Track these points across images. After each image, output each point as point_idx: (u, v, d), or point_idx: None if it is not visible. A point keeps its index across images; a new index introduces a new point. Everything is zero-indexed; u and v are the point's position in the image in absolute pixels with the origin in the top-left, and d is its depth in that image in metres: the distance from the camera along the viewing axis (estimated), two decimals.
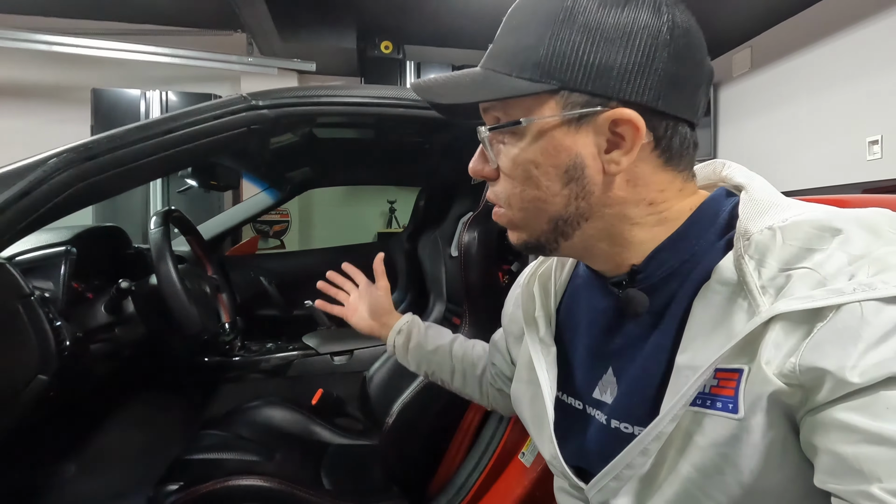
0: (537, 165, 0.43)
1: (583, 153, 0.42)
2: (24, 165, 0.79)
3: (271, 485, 0.98)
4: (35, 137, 3.30)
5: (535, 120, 0.42)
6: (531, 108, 0.42)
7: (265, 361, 1.54)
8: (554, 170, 0.43)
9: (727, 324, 0.39)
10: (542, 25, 0.41)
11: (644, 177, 0.43)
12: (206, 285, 1.26)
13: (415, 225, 1.97)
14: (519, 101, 0.43)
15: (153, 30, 3.43)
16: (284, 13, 3.07)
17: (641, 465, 0.42)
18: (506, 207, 0.47)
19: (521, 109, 0.43)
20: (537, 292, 0.57)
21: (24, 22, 3.25)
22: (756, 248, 0.39)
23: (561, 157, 0.43)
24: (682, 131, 0.43)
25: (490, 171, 0.47)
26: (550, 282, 0.58)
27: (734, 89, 3.69)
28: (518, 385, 0.58)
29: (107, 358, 1.10)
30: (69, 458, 1.29)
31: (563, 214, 0.44)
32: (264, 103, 0.96)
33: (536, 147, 0.43)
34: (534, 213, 0.45)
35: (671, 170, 0.44)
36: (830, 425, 0.33)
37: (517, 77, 0.42)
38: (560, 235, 0.46)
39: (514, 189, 0.45)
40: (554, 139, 0.42)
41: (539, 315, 0.56)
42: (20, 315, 0.83)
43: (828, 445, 0.33)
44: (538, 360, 0.53)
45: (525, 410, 0.56)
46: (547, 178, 0.43)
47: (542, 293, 0.57)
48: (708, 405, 0.39)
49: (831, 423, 0.33)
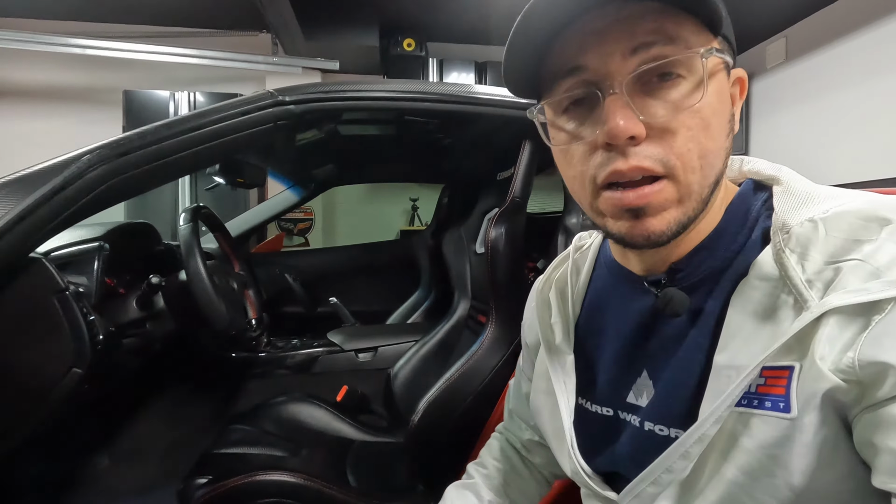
0: (715, 111, 0.38)
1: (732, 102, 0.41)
2: (59, 162, 0.80)
3: (298, 480, 0.98)
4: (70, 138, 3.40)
5: (715, 54, 0.38)
6: (703, 46, 0.38)
7: (291, 357, 1.55)
8: (724, 118, 0.39)
9: (771, 321, 0.37)
10: None
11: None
12: (234, 281, 1.27)
13: (438, 222, 1.96)
14: (689, 35, 0.38)
15: (182, 32, 3.50)
16: (308, 12, 3.10)
17: (682, 470, 0.40)
18: (668, 174, 0.38)
19: (692, 44, 0.37)
20: (554, 298, 0.56)
21: (59, 27, 3.36)
22: (797, 242, 0.37)
23: (726, 105, 0.40)
24: None
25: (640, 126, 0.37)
26: (567, 287, 0.55)
27: (768, 81, 3.57)
28: (536, 396, 0.56)
29: (138, 352, 1.12)
30: (102, 450, 1.32)
31: (720, 175, 0.40)
32: (290, 99, 0.96)
33: (712, 89, 0.38)
34: (707, 172, 0.39)
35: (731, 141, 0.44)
36: (893, 422, 0.31)
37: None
38: (706, 206, 0.40)
39: (688, 143, 0.38)
40: (721, 83, 0.39)
41: (556, 322, 0.54)
42: (56, 309, 0.84)
43: (889, 444, 0.32)
44: (554, 369, 0.52)
45: (545, 422, 0.54)
46: (720, 127, 0.39)
47: (559, 299, 0.55)
48: (755, 405, 0.37)
49: (893, 420, 0.31)
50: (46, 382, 0.83)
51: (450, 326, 1.48)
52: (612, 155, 0.38)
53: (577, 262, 0.57)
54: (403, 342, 1.58)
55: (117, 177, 0.84)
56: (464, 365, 1.06)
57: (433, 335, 1.48)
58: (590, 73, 0.39)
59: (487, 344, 1.07)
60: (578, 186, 0.42)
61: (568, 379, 0.51)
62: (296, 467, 1.03)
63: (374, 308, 2.05)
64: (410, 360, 1.44)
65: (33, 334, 0.83)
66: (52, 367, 0.83)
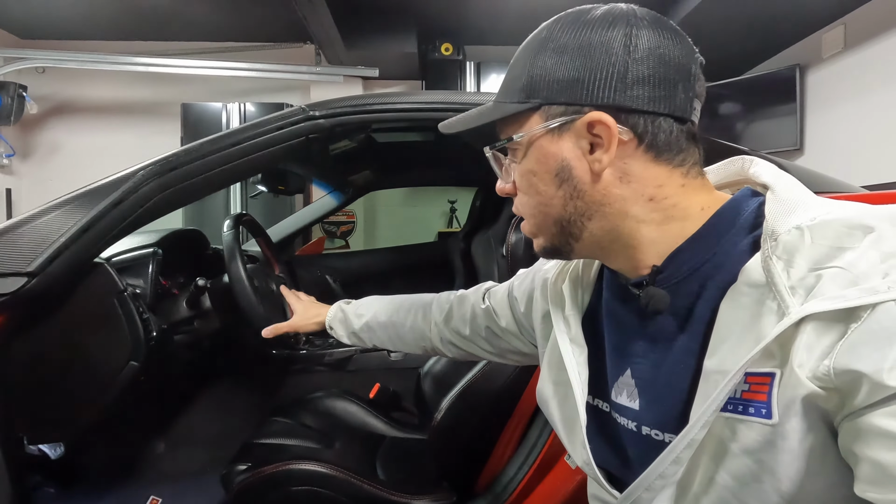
0: (534, 173, 0.48)
1: (568, 156, 0.47)
2: (118, 178, 0.90)
3: (329, 471, 1.05)
4: (135, 149, 3.69)
5: (524, 135, 0.48)
6: (522, 126, 0.49)
7: (328, 355, 1.63)
8: (547, 175, 0.48)
9: (756, 326, 0.38)
10: (525, 57, 0.49)
11: (636, 172, 0.46)
12: (273, 283, 1.36)
13: (471, 225, 2.00)
14: (514, 122, 0.49)
15: (232, 47, 3.71)
16: (348, 23, 3.21)
17: (673, 474, 0.42)
18: (525, 218, 0.52)
19: (515, 128, 0.49)
20: (567, 290, 0.57)
21: (123, 47, 3.65)
22: (784, 249, 0.38)
23: (550, 163, 0.47)
24: (664, 125, 0.45)
25: (510, 187, 0.52)
26: (579, 279, 0.58)
27: (824, 72, 3.37)
28: (544, 385, 0.58)
29: (188, 348, 1.22)
30: (159, 437, 1.45)
31: (563, 215, 0.48)
32: (320, 113, 1.02)
33: (531, 158, 0.49)
34: (542, 217, 0.50)
35: (664, 164, 0.46)
36: (869, 431, 0.32)
37: (509, 102, 0.49)
38: (569, 237, 0.49)
39: (524, 198, 0.50)
40: (542, 148, 0.48)
41: (570, 314, 0.56)
42: (116, 308, 0.95)
43: (867, 453, 0.32)
44: (570, 362, 0.53)
45: (554, 412, 0.56)
46: (543, 184, 0.48)
47: (572, 290, 0.57)
48: (740, 411, 0.38)
49: (870, 430, 0.32)
50: (108, 373, 0.93)
51: None
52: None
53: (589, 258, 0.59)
54: None
55: (167, 190, 0.94)
56: (486, 365, 1.09)
57: None
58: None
59: None
60: None
61: (583, 370, 0.53)
62: (328, 459, 1.10)
63: None
64: (440, 359, 1.49)
65: (97, 331, 0.94)
66: (113, 360, 0.94)
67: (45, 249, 0.82)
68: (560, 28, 0.47)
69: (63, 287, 0.89)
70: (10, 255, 0.81)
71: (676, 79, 0.45)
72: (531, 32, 0.50)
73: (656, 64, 0.44)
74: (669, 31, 0.46)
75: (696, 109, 0.47)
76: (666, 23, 0.47)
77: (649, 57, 0.44)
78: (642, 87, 0.44)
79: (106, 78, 3.71)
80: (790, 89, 3.41)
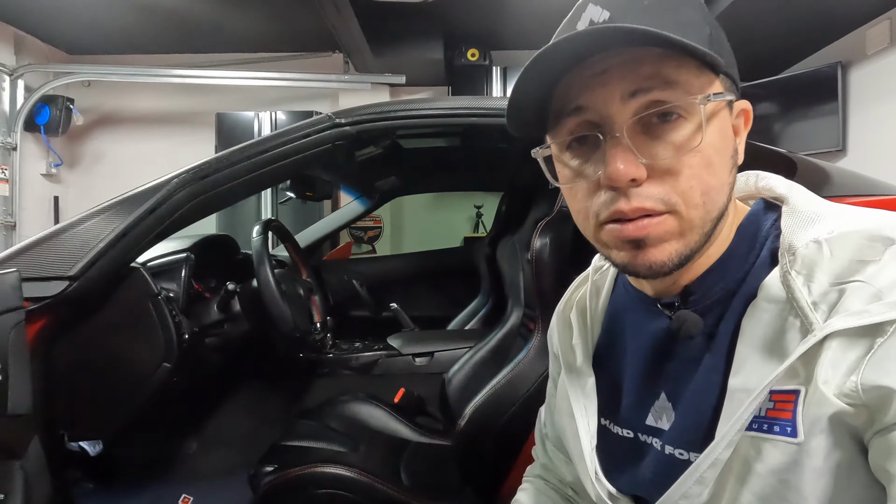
0: (717, 150, 0.39)
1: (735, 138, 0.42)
2: (153, 186, 0.94)
3: (353, 475, 1.06)
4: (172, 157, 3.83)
5: (719, 96, 0.38)
6: (703, 88, 0.38)
7: (354, 359, 1.64)
8: (726, 154, 0.40)
9: (779, 343, 0.37)
10: (693, 4, 0.40)
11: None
12: (300, 287, 1.39)
13: (496, 230, 1.99)
14: (689, 77, 0.38)
15: (263, 57, 3.81)
16: (376, 30, 3.26)
17: (698, 495, 0.40)
18: (671, 211, 0.39)
19: (696, 85, 0.38)
20: (575, 319, 0.56)
21: (160, 60, 3.79)
22: (803, 263, 0.37)
23: (729, 142, 0.40)
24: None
25: (642, 170, 0.38)
26: (587, 308, 0.56)
27: (868, 69, 3.22)
28: (560, 417, 0.56)
29: (218, 350, 1.26)
30: (190, 436, 1.49)
31: (724, 209, 0.40)
32: (346, 121, 1.04)
33: (713, 129, 0.39)
34: (711, 207, 0.39)
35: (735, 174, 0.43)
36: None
37: (698, 45, 0.36)
38: (708, 239, 0.40)
39: (690, 181, 0.38)
40: (724, 120, 0.40)
41: (577, 343, 0.54)
42: (150, 311, 0.98)
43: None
44: (574, 391, 0.52)
45: (569, 444, 0.54)
46: (722, 164, 0.39)
47: (579, 320, 0.55)
48: (765, 429, 0.37)
49: None
50: (142, 374, 0.97)
51: (503, 334, 1.50)
52: (615, 195, 0.39)
53: (597, 283, 0.57)
54: (459, 348, 1.62)
55: (199, 197, 0.97)
56: (510, 372, 1.08)
57: (487, 342, 1.51)
58: (591, 114, 0.40)
59: (534, 352, 1.08)
60: (583, 220, 0.43)
61: (589, 402, 0.51)
62: (353, 462, 1.11)
63: (434, 314, 2.12)
64: (464, 365, 1.48)
65: (132, 333, 0.97)
66: (147, 361, 0.97)
67: (86, 254, 0.86)
68: None
69: (101, 290, 0.93)
70: (54, 260, 0.85)
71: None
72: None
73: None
74: None
75: None
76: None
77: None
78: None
79: (145, 90, 3.87)
80: (831, 88, 3.27)
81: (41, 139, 3.58)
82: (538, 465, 0.70)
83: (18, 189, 3.43)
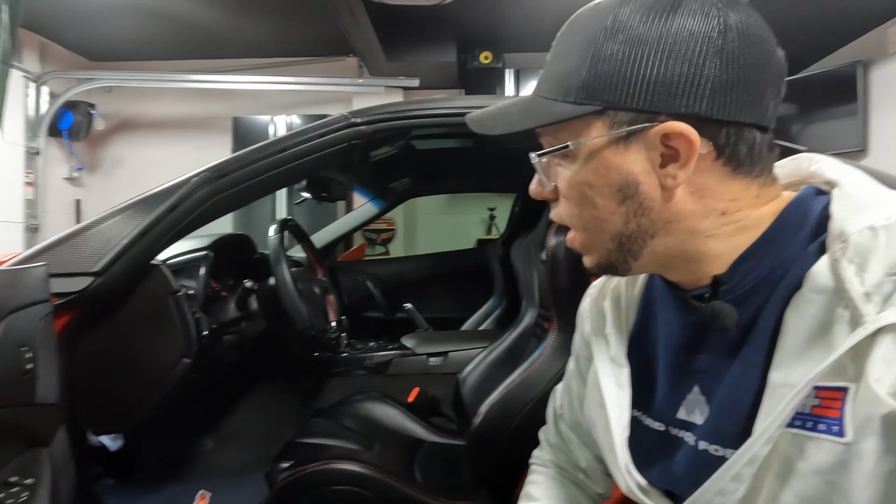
0: (590, 186, 0.42)
1: (634, 170, 0.41)
2: (173, 185, 0.96)
3: (368, 472, 1.06)
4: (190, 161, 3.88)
5: (582, 142, 0.42)
6: (579, 131, 0.42)
7: (368, 359, 1.65)
8: (607, 189, 0.42)
9: (825, 336, 0.35)
10: (584, 47, 0.41)
11: (711, 187, 0.41)
12: (316, 287, 1.40)
13: (510, 231, 1.99)
14: (567, 124, 0.42)
15: (279, 62, 3.86)
16: (389, 34, 3.28)
17: (734, 492, 0.39)
18: (574, 231, 0.46)
19: (569, 132, 0.42)
20: (608, 308, 0.55)
21: (177, 66, 3.87)
22: (856, 251, 0.35)
23: (612, 177, 0.42)
24: (748, 137, 0.40)
25: (549, 192, 0.46)
26: (622, 296, 0.55)
27: (890, 68, 3.15)
28: (590, 407, 0.55)
29: (235, 348, 1.27)
30: (208, 433, 1.51)
31: (624, 232, 0.43)
32: (362, 120, 1.05)
33: (588, 168, 0.42)
34: (596, 232, 0.44)
35: (742, 177, 0.41)
36: None
37: (563, 101, 0.41)
38: (628, 254, 0.44)
39: (574, 210, 0.45)
40: (604, 159, 0.41)
41: (610, 332, 0.53)
42: (170, 308, 1.00)
43: None
44: (606, 382, 0.51)
45: (600, 435, 0.53)
46: (602, 198, 0.42)
47: (613, 308, 0.54)
48: (809, 427, 0.35)
49: None
50: (162, 370, 0.98)
51: (517, 334, 1.49)
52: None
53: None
54: (472, 348, 1.62)
55: (218, 195, 0.98)
56: (525, 371, 1.07)
57: (501, 342, 1.51)
58: None
59: (549, 352, 1.08)
60: None
61: (622, 392, 0.50)
62: (367, 460, 1.11)
63: (447, 315, 2.12)
64: (478, 365, 1.48)
65: (153, 329, 0.99)
66: (167, 357, 0.99)
67: (109, 251, 0.88)
68: (632, 13, 0.39)
69: (123, 287, 0.95)
70: (79, 257, 0.87)
71: (766, 81, 0.40)
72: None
73: (749, 65, 0.38)
74: (760, 18, 0.40)
75: (776, 112, 0.42)
76: (751, 7, 0.40)
77: (742, 56, 0.38)
78: (731, 92, 0.38)
79: (164, 95, 3.95)
80: (851, 87, 3.22)
81: (64, 144, 3.67)
82: (547, 448, 0.70)
83: (42, 192, 3.52)
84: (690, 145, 0.39)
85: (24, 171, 3.39)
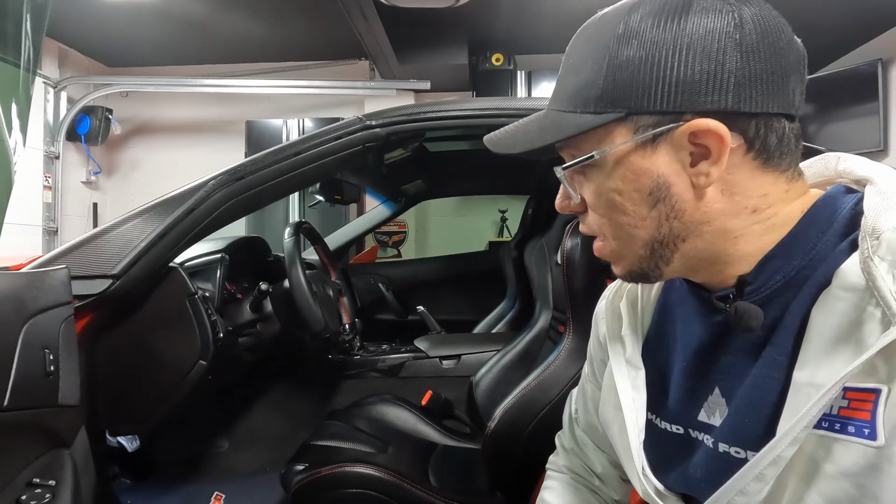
0: (620, 193, 0.42)
1: (664, 172, 0.41)
2: (190, 188, 0.97)
3: (382, 475, 1.06)
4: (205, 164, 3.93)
5: (608, 150, 0.41)
6: (602, 140, 0.42)
7: (381, 361, 1.65)
8: (638, 194, 0.42)
9: (855, 336, 0.34)
10: (598, 58, 0.41)
11: (741, 183, 0.40)
12: (330, 289, 1.40)
13: (523, 233, 1.98)
14: (589, 134, 0.42)
15: (291, 66, 3.90)
16: (401, 37, 3.30)
17: (757, 493, 0.38)
18: (601, 238, 0.46)
19: (591, 143, 0.42)
20: (625, 309, 0.54)
21: (194, 71, 3.92)
22: (888, 249, 0.34)
23: (642, 181, 0.41)
24: (777, 127, 0.40)
25: (576, 205, 0.46)
26: (638, 298, 0.54)
27: None
28: (605, 409, 0.54)
29: (250, 350, 1.28)
30: (223, 435, 1.52)
31: (657, 237, 0.42)
32: (376, 122, 1.05)
33: (616, 175, 0.42)
34: (627, 240, 0.44)
35: (772, 171, 0.41)
36: None
37: (582, 112, 0.41)
38: (660, 260, 0.44)
39: (603, 219, 0.44)
40: (631, 164, 0.41)
41: (626, 333, 0.53)
42: (187, 310, 1.01)
43: None
44: (622, 384, 0.51)
45: (615, 438, 0.53)
46: (632, 204, 0.42)
47: (629, 310, 0.54)
48: (838, 429, 0.35)
49: None
50: (179, 371, 0.99)
51: (531, 337, 1.48)
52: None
53: None
54: (486, 351, 1.61)
55: (235, 198, 0.99)
56: (540, 375, 1.06)
57: (515, 345, 1.50)
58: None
59: (564, 355, 1.07)
60: None
61: (638, 395, 0.50)
62: (381, 463, 1.11)
63: (460, 317, 2.11)
64: (492, 368, 1.47)
65: (170, 331, 1.00)
66: (184, 358, 0.99)
67: (128, 254, 0.89)
68: (643, 18, 0.40)
69: (142, 289, 0.96)
70: (98, 259, 0.88)
71: (788, 69, 0.39)
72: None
73: (770, 55, 0.38)
74: (773, 9, 0.40)
75: (802, 100, 0.41)
76: (766, 1, 0.40)
77: (761, 47, 0.38)
78: (755, 84, 0.38)
79: (179, 100, 4.00)
80: (872, 86, 3.16)
81: (82, 148, 3.74)
82: (562, 453, 0.69)
83: (60, 196, 3.58)
84: (721, 140, 0.38)
85: (43, 174, 3.46)
